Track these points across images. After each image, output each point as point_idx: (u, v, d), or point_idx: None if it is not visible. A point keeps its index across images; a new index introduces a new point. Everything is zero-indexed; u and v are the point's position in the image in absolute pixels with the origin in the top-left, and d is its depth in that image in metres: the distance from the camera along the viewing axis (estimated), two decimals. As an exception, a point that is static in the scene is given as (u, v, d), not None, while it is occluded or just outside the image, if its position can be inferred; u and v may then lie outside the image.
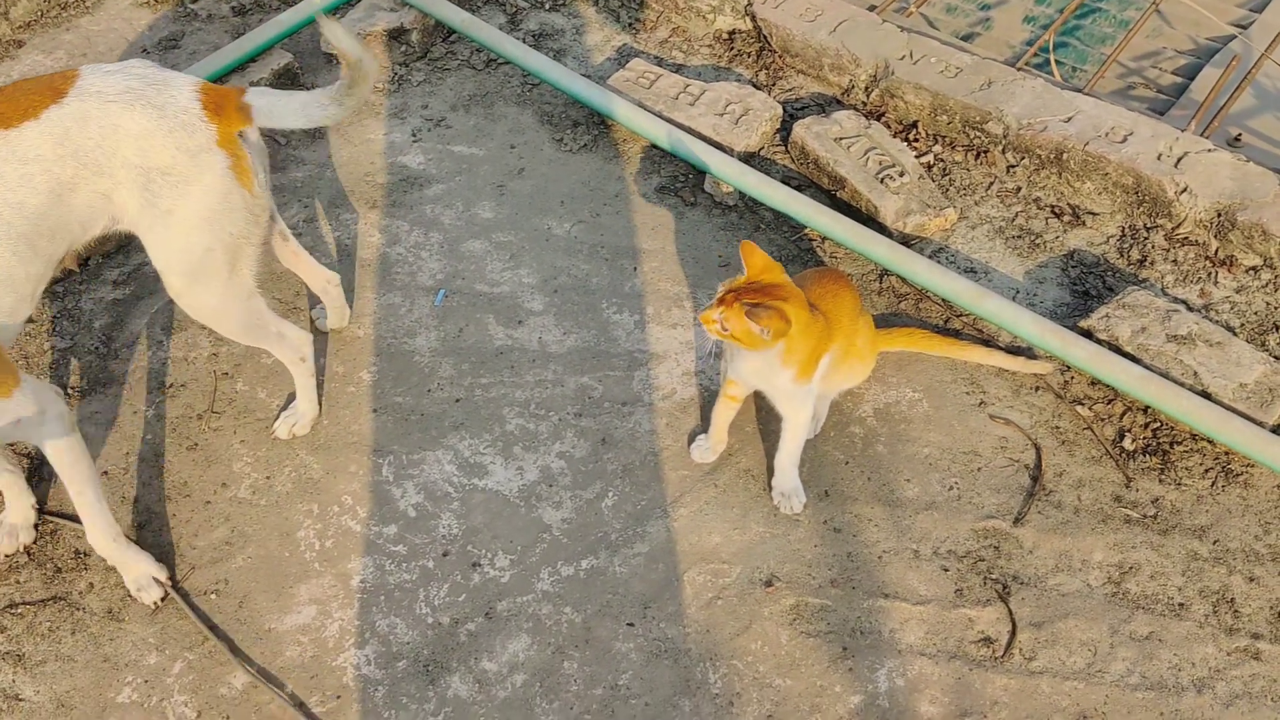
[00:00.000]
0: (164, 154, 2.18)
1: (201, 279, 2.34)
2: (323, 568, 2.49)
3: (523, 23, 3.69)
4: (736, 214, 3.11)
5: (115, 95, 2.16)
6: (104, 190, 2.19)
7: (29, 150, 2.10)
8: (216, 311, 2.43)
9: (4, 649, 2.37)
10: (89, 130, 2.14)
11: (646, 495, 2.57)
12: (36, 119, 2.10)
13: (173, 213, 2.23)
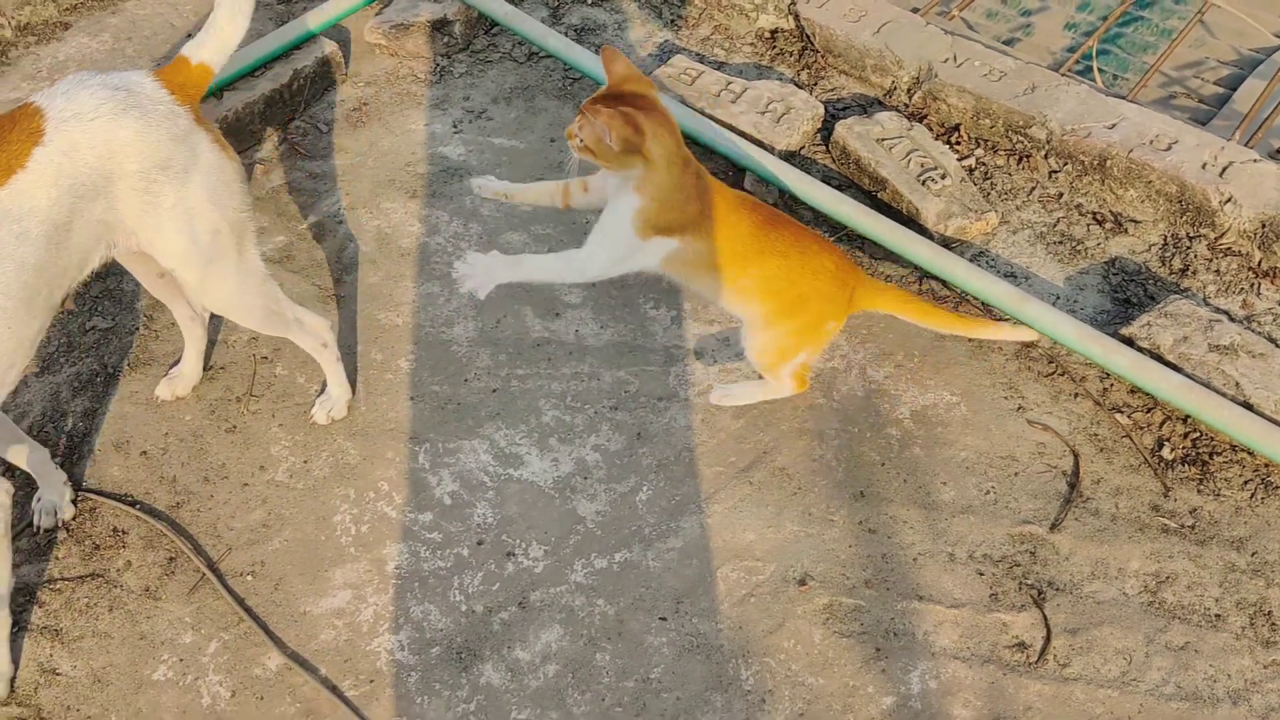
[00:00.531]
0: (159, 149, 2.14)
1: (215, 264, 2.32)
2: (358, 552, 2.50)
3: (565, 16, 3.69)
4: (776, 212, 3.11)
5: (95, 111, 2.08)
6: (100, 215, 2.13)
7: (24, 204, 2.00)
8: (235, 299, 2.42)
9: (43, 624, 2.40)
10: (82, 157, 2.06)
11: (681, 490, 2.58)
12: (25, 169, 2.00)
13: (177, 204, 2.20)
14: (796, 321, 2.51)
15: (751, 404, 2.69)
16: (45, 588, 2.46)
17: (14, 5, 3.71)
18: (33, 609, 2.42)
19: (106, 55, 3.65)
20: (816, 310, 2.50)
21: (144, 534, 2.53)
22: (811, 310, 2.50)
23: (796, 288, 2.46)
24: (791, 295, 2.47)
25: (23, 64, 3.65)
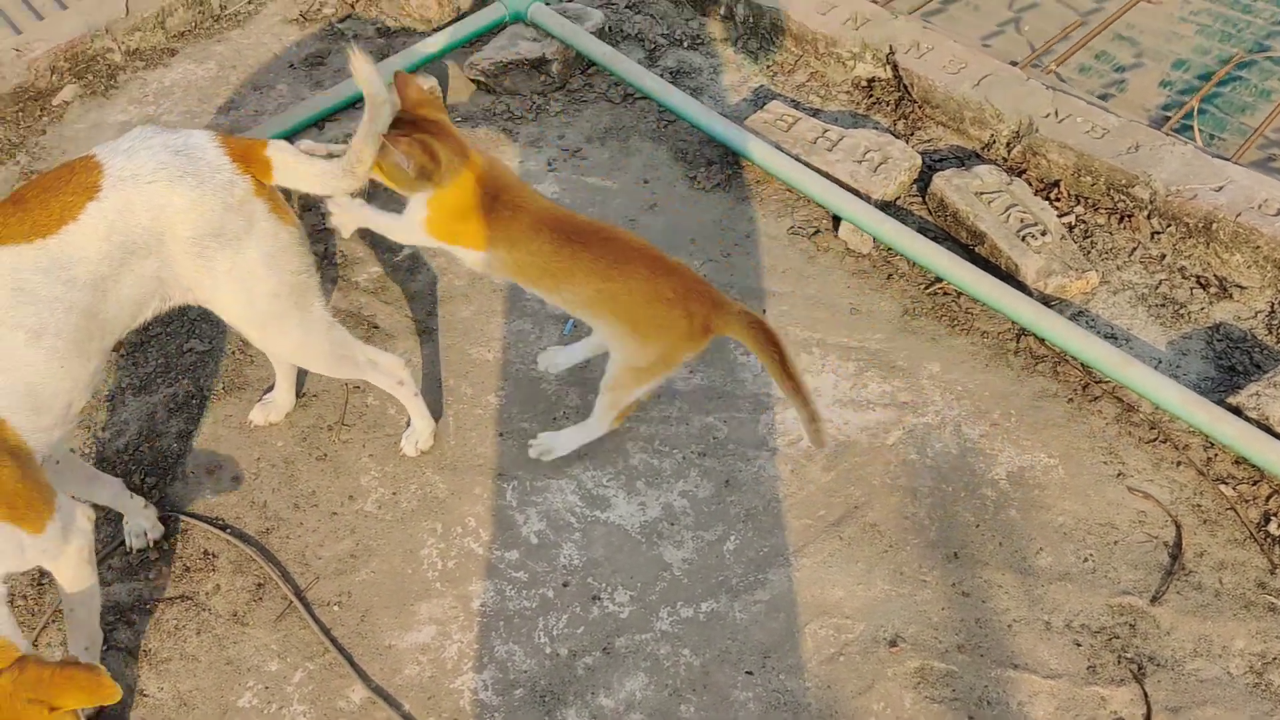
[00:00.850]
0: (213, 217, 2.16)
1: (276, 323, 2.35)
2: (444, 588, 2.50)
3: (660, 59, 3.71)
4: (869, 262, 3.08)
5: (152, 174, 2.11)
6: (153, 272, 2.16)
7: (73, 254, 2.04)
8: (301, 349, 2.45)
9: (131, 644, 2.42)
10: (135, 218, 2.09)
11: (769, 542, 2.54)
12: (76, 220, 2.04)
13: (232, 270, 2.22)
14: (639, 350, 2.41)
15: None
16: (135, 608, 2.48)
17: (125, 31, 3.81)
18: (122, 628, 2.45)
19: (210, 82, 3.73)
20: (656, 342, 2.39)
21: (234, 558, 2.55)
22: (651, 342, 2.39)
23: (630, 313, 2.37)
24: (626, 320, 2.38)
25: (130, 88, 3.75)
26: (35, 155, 3.53)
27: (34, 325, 2.00)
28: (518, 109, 3.57)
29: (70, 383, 2.10)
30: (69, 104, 3.69)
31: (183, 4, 3.90)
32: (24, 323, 1.99)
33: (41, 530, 2.02)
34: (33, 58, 3.69)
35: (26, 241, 2.02)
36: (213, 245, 2.17)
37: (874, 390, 2.81)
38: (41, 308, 2.01)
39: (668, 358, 2.43)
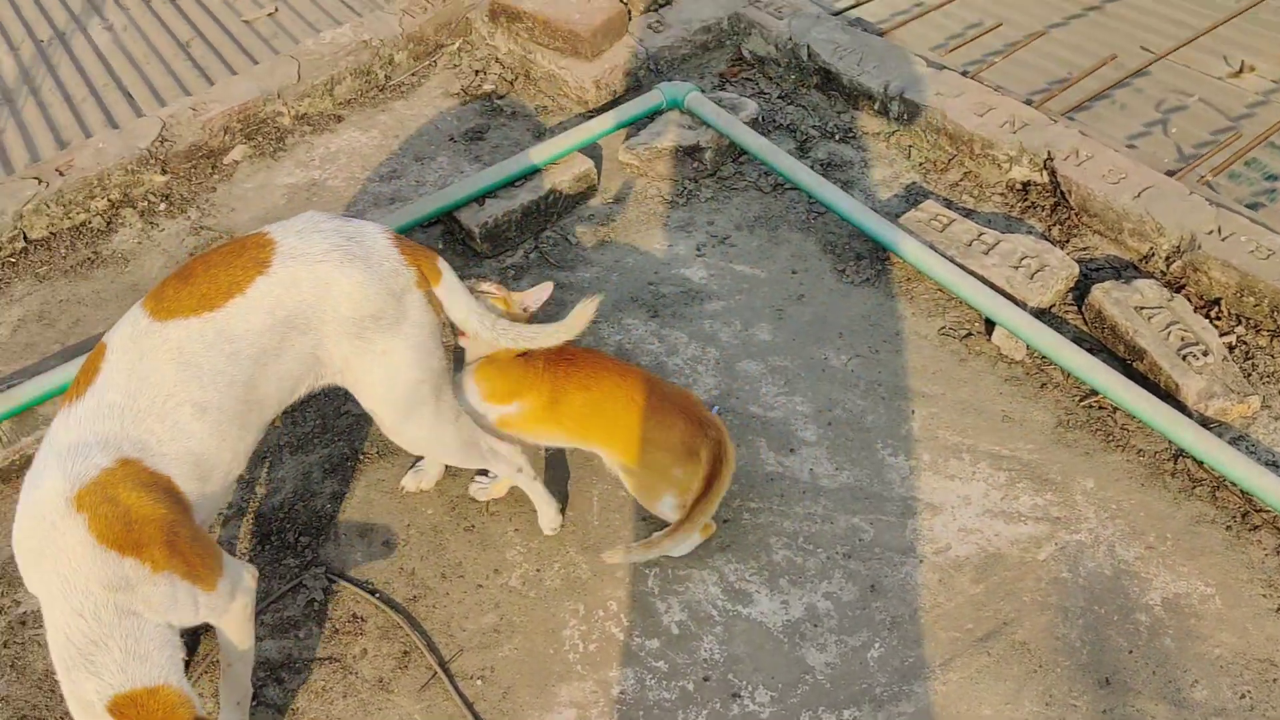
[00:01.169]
0: (375, 302, 2.24)
1: (414, 411, 2.41)
2: (585, 671, 2.50)
3: (812, 150, 3.75)
4: (1022, 369, 3.05)
5: (322, 255, 2.20)
6: (310, 349, 2.24)
7: (238, 327, 2.12)
8: (432, 439, 2.50)
9: (280, 702, 2.47)
10: (300, 294, 2.18)
11: (915, 653, 2.50)
12: (244, 294, 2.13)
13: (385, 354, 2.29)
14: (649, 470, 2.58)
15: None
16: (285, 666, 2.54)
17: (295, 96, 3.99)
18: (272, 685, 2.50)
19: (374, 150, 3.87)
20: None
21: (381, 624, 2.60)
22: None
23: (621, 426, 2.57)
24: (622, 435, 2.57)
25: (297, 151, 3.91)
26: (205, 211, 3.69)
27: (199, 399, 2.09)
28: (669, 194, 3.64)
29: (230, 454, 2.19)
30: (239, 164, 3.86)
31: (351, 73, 4.07)
32: (191, 396, 2.09)
33: (214, 588, 2.09)
34: (208, 117, 3.87)
35: (195, 315, 2.11)
36: (370, 328, 2.25)
37: (1025, 503, 2.77)
38: (206, 382, 2.09)
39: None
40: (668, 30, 4.09)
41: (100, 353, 2.11)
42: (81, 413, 2.04)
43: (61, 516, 1.93)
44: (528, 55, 4.08)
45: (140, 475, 2.01)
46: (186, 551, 2.04)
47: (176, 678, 1.96)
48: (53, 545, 1.92)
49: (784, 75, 4.01)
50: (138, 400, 2.04)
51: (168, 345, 2.08)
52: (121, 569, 1.93)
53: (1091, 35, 4.97)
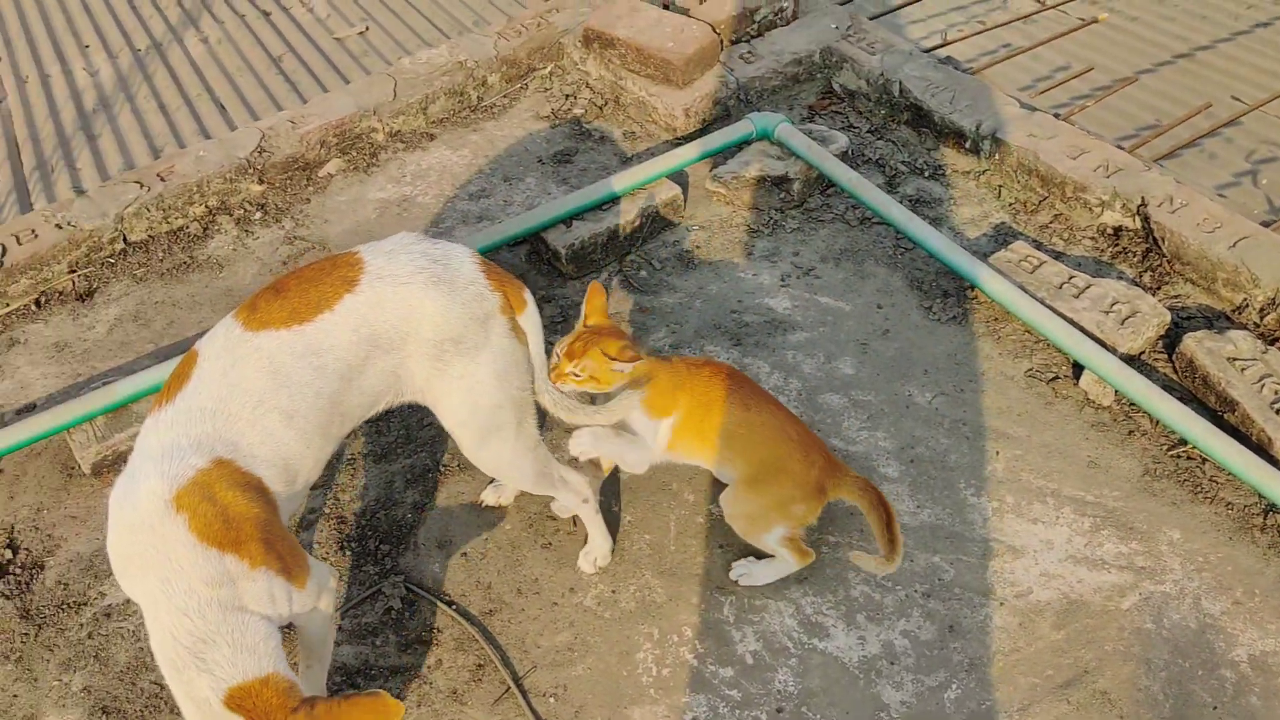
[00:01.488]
0: (457, 325, 2.27)
1: (494, 435, 2.42)
2: (657, 695, 2.50)
3: (900, 186, 3.74)
4: (1109, 415, 3.01)
5: (408, 277, 2.24)
6: (393, 367, 2.28)
7: (325, 341, 2.17)
8: (509, 464, 2.51)
9: (355, 706, 2.50)
10: (385, 314, 2.22)
11: (993, 696, 2.47)
12: (332, 310, 2.18)
13: (465, 377, 2.32)
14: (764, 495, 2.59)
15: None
16: (361, 673, 2.56)
17: (390, 113, 4.07)
18: (346, 691, 2.53)
19: (464, 169, 3.94)
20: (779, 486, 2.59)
21: (456, 635, 2.62)
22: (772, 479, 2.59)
23: (759, 452, 2.59)
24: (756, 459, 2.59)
25: (389, 167, 3.99)
26: (299, 221, 3.77)
27: (287, 407, 2.14)
28: (755, 223, 3.65)
29: (313, 461, 2.24)
30: (333, 177, 3.95)
31: (444, 93, 4.15)
32: (280, 405, 2.13)
33: (304, 587, 2.13)
34: (305, 130, 3.96)
35: (285, 327, 2.16)
36: (451, 351, 2.28)
37: (1109, 550, 2.72)
38: (294, 392, 2.15)
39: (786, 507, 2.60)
40: (759, 61, 4.11)
41: (192, 359, 2.17)
42: (173, 416, 2.09)
43: (161, 519, 1.97)
44: (619, 81, 4.12)
45: (234, 475, 2.05)
46: (280, 549, 2.08)
47: (283, 666, 1.99)
48: (153, 548, 1.96)
49: (874, 110, 4.01)
50: (229, 405, 2.09)
51: (259, 355, 2.13)
52: (223, 565, 1.97)
53: (1182, 84, 4.92)
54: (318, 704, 1.94)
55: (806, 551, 2.64)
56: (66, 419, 2.99)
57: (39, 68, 5.38)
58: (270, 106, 4.95)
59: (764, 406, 2.63)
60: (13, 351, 3.37)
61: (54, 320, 3.48)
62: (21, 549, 2.86)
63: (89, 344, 3.38)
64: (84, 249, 3.61)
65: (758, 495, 2.59)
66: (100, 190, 3.74)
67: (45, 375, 3.29)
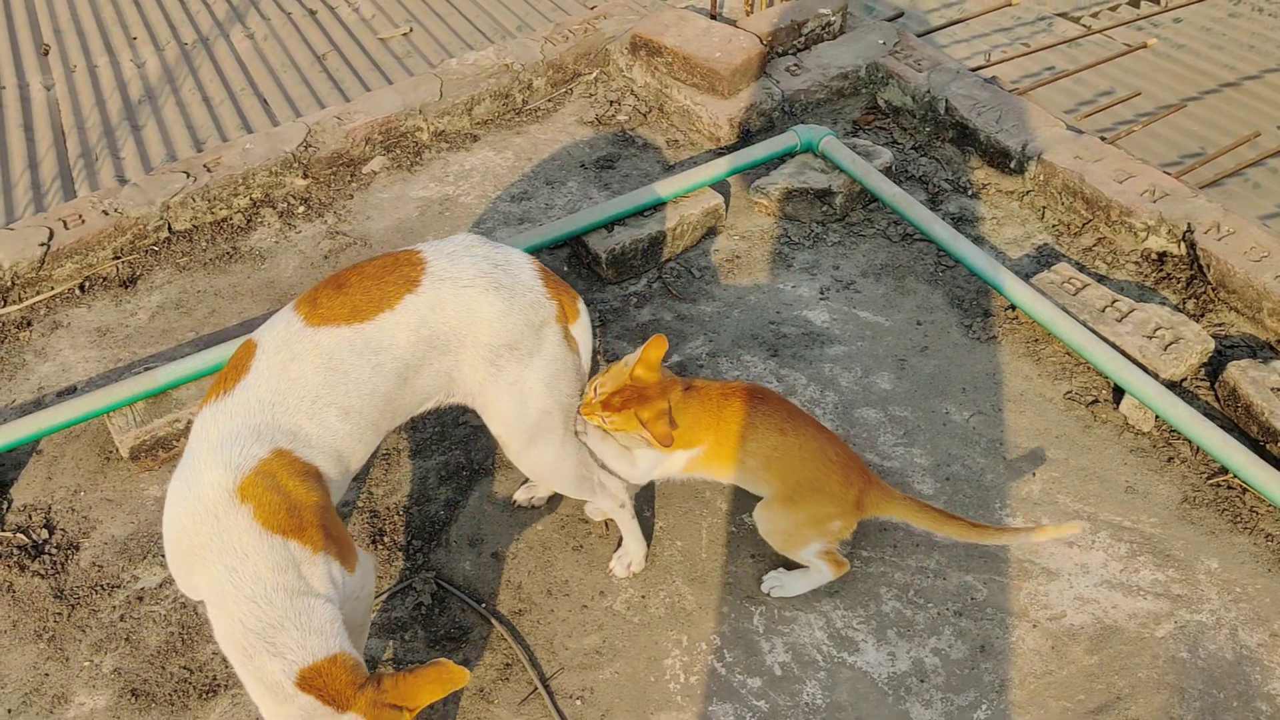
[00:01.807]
0: (514, 331, 2.28)
1: (539, 440, 2.43)
2: (684, 703, 2.49)
3: (943, 204, 3.73)
4: (1149, 440, 2.98)
5: (469, 280, 2.25)
6: (447, 368, 2.30)
7: (384, 340, 2.20)
8: (552, 468, 2.52)
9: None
10: (445, 316, 2.24)
11: (1023, 719, 2.44)
12: (393, 309, 2.20)
13: (517, 383, 2.33)
14: (797, 509, 2.58)
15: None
16: (389, 664, 2.57)
17: (435, 113, 4.09)
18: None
19: (507, 171, 3.95)
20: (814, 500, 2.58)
21: (484, 634, 2.62)
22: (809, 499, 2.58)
23: (797, 474, 2.57)
24: (792, 479, 2.57)
25: (433, 166, 4.00)
26: (341, 217, 3.79)
27: (344, 403, 2.17)
28: (796, 235, 3.64)
29: (364, 453, 2.27)
30: (376, 174, 3.97)
31: (490, 95, 4.16)
32: (336, 400, 2.16)
33: (354, 571, 2.16)
34: (351, 127, 3.98)
35: (346, 324, 2.18)
36: (506, 355, 2.29)
37: (1145, 577, 2.69)
38: (351, 389, 2.17)
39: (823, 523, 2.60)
40: (805, 74, 4.11)
41: (250, 350, 2.19)
42: (233, 406, 2.11)
43: (226, 509, 2.00)
44: (664, 89, 4.13)
45: (294, 464, 2.08)
46: (336, 535, 2.12)
47: (348, 645, 2.02)
48: (218, 540, 1.99)
49: (918, 127, 4.00)
50: (288, 398, 2.12)
51: (319, 350, 2.16)
52: (287, 552, 2.00)
53: (1227, 112, 4.88)
54: (384, 678, 1.98)
55: (842, 562, 2.63)
56: (106, 403, 3.01)
57: (87, 58, 5.44)
58: (313, 104, 4.98)
59: (800, 429, 2.60)
60: (55, 335, 3.41)
61: (97, 305, 3.51)
62: (58, 529, 2.88)
63: (131, 330, 3.41)
64: (129, 236, 3.64)
65: (794, 513, 2.58)
66: (147, 179, 3.78)
67: (87, 359, 3.32)
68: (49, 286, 3.55)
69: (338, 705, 1.95)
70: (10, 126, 4.91)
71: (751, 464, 2.58)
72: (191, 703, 2.52)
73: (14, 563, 2.80)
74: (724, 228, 3.69)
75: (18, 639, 2.66)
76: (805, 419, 2.64)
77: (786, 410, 2.63)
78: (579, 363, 2.47)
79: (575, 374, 2.45)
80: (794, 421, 2.61)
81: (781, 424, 2.59)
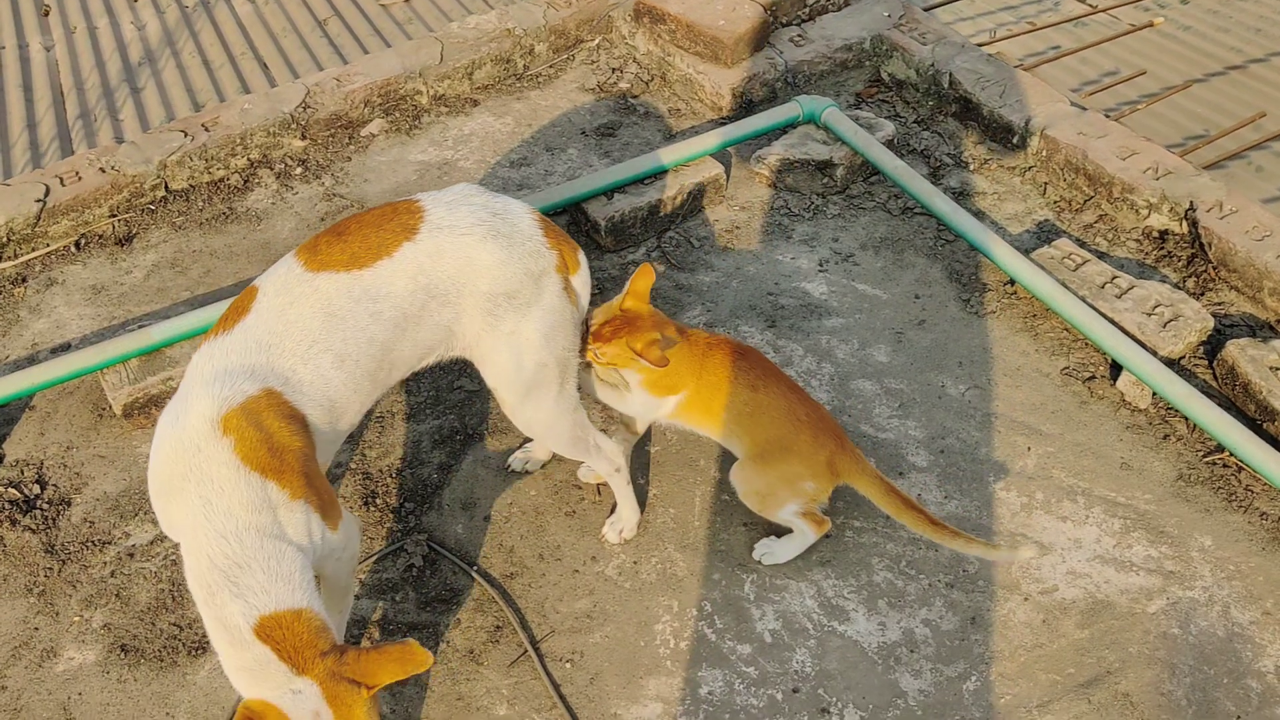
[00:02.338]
0: (512, 280, 2.25)
1: (535, 393, 2.41)
2: (674, 667, 2.49)
3: (944, 178, 3.71)
4: (1145, 417, 2.97)
5: (467, 228, 2.22)
6: (447, 320, 2.27)
7: (382, 288, 2.17)
8: (547, 424, 2.50)
9: (371, 659, 2.50)
10: (443, 264, 2.21)
11: (1012, 690, 2.44)
12: (390, 257, 2.17)
13: (515, 333, 2.30)
14: (768, 468, 2.59)
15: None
16: (378, 625, 2.57)
17: (435, 77, 4.06)
18: (365, 643, 2.53)
19: (506, 136, 3.93)
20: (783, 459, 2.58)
21: (476, 596, 2.61)
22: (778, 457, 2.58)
23: (765, 431, 2.58)
24: (762, 438, 2.58)
25: (432, 130, 3.98)
26: (338, 179, 3.77)
27: (340, 350, 2.14)
28: (796, 207, 3.62)
29: (357, 407, 2.24)
30: (375, 137, 3.94)
31: (491, 59, 4.13)
32: (333, 346, 2.14)
33: (336, 530, 2.13)
34: (350, 89, 3.95)
35: (345, 270, 2.16)
36: (504, 305, 2.27)
37: (1138, 553, 2.69)
38: (349, 335, 2.14)
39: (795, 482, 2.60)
40: (809, 45, 4.08)
41: (252, 294, 2.17)
42: (229, 344, 2.10)
43: (207, 440, 1.98)
44: (666, 57, 4.10)
45: (283, 406, 2.06)
46: (319, 486, 2.10)
47: (318, 604, 1.98)
48: (197, 470, 1.97)
49: (921, 100, 3.98)
50: (285, 341, 2.10)
51: (318, 295, 2.14)
52: (265, 492, 1.97)
53: (1232, 95, 4.85)
54: (348, 650, 1.93)
55: (823, 521, 2.63)
56: (100, 359, 3.00)
57: (87, 19, 5.40)
58: (313, 69, 4.94)
59: (773, 387, 2.60)
60: (50, 291, 3.39)
61: (92, 263, 3.49)
62: (49, 485, 2.87)
63: (126, 288, 3.40)
64: (125, 194, 3.62)
65: (765, 472, 2.58)
66: (145, 137, 3.75)
67: (81, 316, 3.31)
68: (45, 243, 3.52)
69: (294, 665, 1.90)
70: (9, 87, 4.87)
71: (724, 418, 2.58)
72: (180, 659, 2.52)
73: (5, 517, 2.79)
74: (725, 198, 3.66)
75: (8, 593, 2.65)
76: (780, 378, 2.64)
77: (763, 368, 2.64)
78: (577, 316, 2.44)
79: (573, 327, 2.43)
80: (767, 380, 2.61)
81: (754, 381, 2.59)
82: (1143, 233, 3.47)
